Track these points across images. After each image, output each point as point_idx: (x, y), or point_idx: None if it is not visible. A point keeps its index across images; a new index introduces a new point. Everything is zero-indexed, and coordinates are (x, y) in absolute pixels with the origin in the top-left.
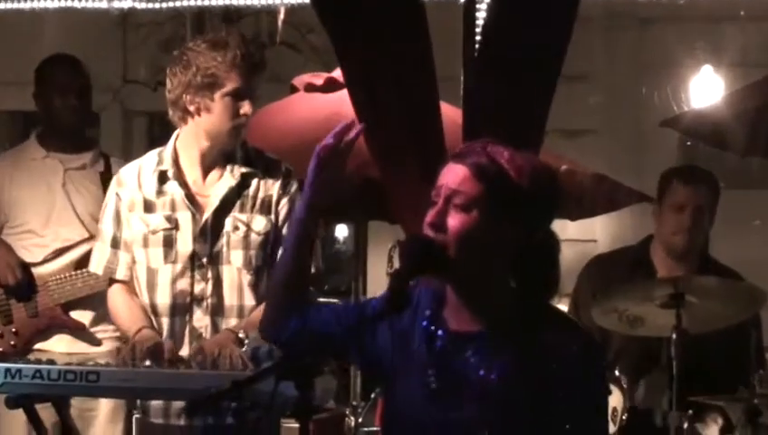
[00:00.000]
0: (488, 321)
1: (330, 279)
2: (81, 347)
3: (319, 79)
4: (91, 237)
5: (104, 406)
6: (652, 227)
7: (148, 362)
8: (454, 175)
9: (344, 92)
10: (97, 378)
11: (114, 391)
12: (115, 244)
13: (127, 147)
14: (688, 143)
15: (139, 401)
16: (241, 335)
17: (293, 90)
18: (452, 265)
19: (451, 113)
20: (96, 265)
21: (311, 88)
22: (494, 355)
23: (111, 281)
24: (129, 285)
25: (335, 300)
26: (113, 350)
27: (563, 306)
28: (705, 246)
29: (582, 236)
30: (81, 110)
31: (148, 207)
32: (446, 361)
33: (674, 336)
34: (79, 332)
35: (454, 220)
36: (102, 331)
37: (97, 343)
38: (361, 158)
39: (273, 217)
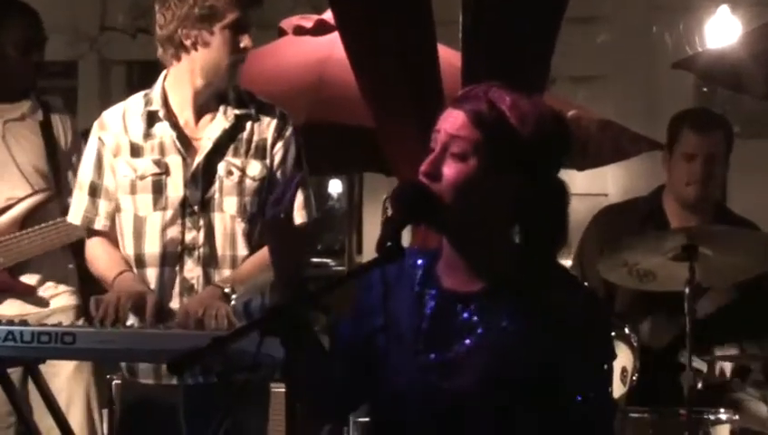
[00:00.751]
0: (487, 278)
1: (323, 238)
2: (32, 310)
3: (308, 21)
4: (35, 193)
5: (66, 365)
6: (665, 177)
7: (129, 322)
8: (452, 121)
9: (335, 35)
10: (73, 340)
11: (92, 354)
12: (93, 192)
13: (105, 98)
14: (704, 89)
15: (123, 363)
16: (227, 290)
17: (282, 33)
18: (448, 214)
19: (449, 56)
20: (74, 215)
21: (300, 31)
22: (493, 316)
23: (90, 232)
24: (108, 236)
25: (328, 260)
26: (68, 306)
27: (568, 262)
28: (720, 196)
29: (593, 190)
30: (39, 66)
31: (136, 151)
32: (439, 323)
33: (687, 291)
34: (28, 295)
35: (450, 169)
36: (52, 287)
37: (46, 304)
38: (355, 105)
39: (267, 161)
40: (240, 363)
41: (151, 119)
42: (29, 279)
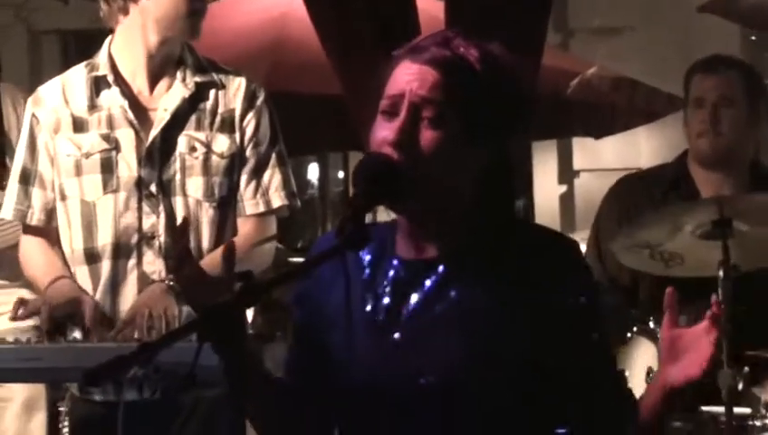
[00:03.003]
0: (453, 246)
1: (301, 234)
2: None
3: None
4: None
5: (18, 394)
6: None
7: (74, 335)
8: (420, 79)
9: None
10: None
11: (13, 375)
12: (25, 179)
13: (36, 74)
14: (753, 37)
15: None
16: (173, 284)
17: None
18: (418, 190)
19: (430, 6)
20: (5, 209)
21: None
22: (464, 280)
23: (25, 228)
24: (45, 233)
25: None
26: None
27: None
28: (755, 155)
29: (623, 164)
30: None
31: (79, 125)
32: (401, 296)
33: (721, 274)
34: None
35: (426, 137)
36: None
37: None
38: (320, 70)
39: (237, 135)
40: (188, 376)
41: (97, 86)
42: None
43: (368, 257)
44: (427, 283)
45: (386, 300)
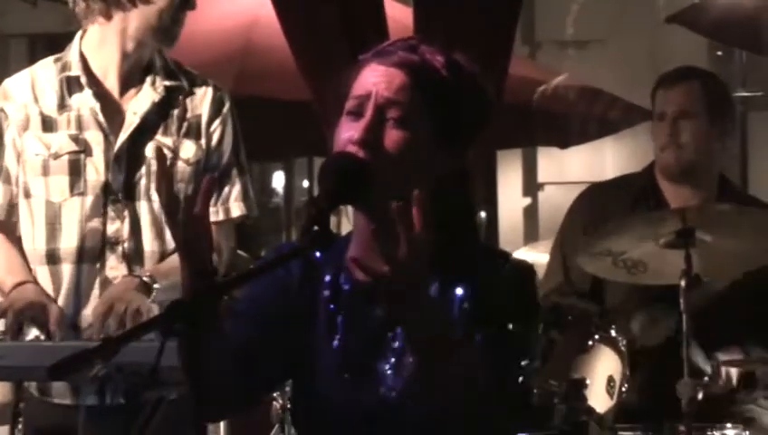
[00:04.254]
0: (407, 265)
1: (265, 242)
2: None
3: None
4: None
5: None
6: None
7: (32, 335)
8: (387, 80)
9: None
10: None
11: None
12: None
13: (3, 77)
14: (719, 53)
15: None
16: (146, 279)
17: None
18: (380, 192)
19: (399, 14)
20: None
21: None
22: (415, 304)
23: None
24: (7, 227)
25: None
26: None
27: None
28: (718, 167)
29: (589, 178)
30: None
31: (48, 124)
32: (356, 319)
33: (682, 284)
34: None
35: (391, 137)
36: None
37: None
38: (288, 75)
39: (203, 142)
40: (144, 378)
41: (69, 86)
42: None
43: (327, 278)
44: (381, 303)
45: (341, 320)
